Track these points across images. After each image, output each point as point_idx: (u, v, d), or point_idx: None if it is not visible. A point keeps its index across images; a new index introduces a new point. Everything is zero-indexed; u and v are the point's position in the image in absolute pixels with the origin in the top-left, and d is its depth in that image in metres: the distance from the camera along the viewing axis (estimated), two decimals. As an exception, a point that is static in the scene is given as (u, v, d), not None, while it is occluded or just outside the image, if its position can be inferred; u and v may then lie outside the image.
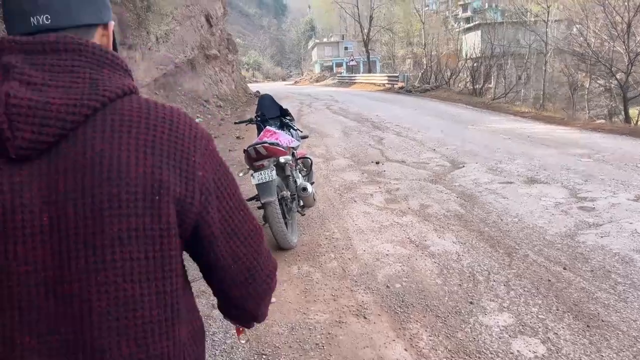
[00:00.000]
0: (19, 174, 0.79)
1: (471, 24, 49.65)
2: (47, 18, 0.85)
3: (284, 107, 5.63)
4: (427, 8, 59.94)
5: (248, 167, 4.72)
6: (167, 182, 0.84)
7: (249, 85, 33.99)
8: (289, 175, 4.72)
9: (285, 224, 4.50)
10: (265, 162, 4.42)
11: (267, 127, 4.93)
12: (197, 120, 14.80)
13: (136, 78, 14.92)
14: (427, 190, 6.60)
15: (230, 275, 0.99)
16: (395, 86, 29.89)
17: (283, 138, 4.82)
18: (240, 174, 4.48)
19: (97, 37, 0.94)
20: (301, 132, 5.67)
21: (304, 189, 4.56)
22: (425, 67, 33.48)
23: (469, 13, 79.29)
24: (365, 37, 46.92)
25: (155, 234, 0.84)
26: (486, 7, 76.94)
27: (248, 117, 6.14)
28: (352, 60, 45.38)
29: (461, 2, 77.68)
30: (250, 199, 5.03)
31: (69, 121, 0.80)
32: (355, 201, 6.19)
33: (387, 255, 4.44)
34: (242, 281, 1.01)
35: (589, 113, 24.11)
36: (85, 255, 0.80)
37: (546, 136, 10.30)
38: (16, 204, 0.79)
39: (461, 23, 69.04)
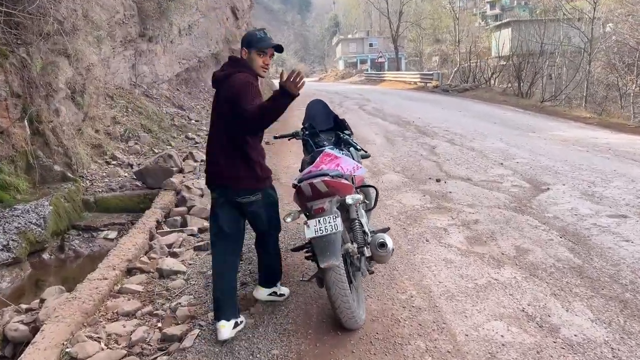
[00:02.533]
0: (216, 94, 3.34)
1: (501, 21, 47.31)
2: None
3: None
4: (453, 4, 57.93)
5: (299, 209, 3.33)
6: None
7: (272, 81, 32.69)
8: (355, 219, 3.31)
9: (350, 289, 3.09)
10: (326, 204, 3.03)
11: (326, 150, 3.53)
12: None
13: (156, 72, 13.59)
14: (516, 223, 5.13)
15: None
16: (429, 85, 28.25)
17: (346, 164, 3.42)
18: (288, 220, 3.07)
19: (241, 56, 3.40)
20: (363, 150, 4.24)
21: (382, 244, 3.13)
22: (458, 65, 31.79)
23: (497, 10, 77.09)
24: (394, 33, 45.14)
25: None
26: (515, 4, 74.90)
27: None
28: (381, 56, 43.72)
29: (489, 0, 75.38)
30: (298, 249, 3.65)
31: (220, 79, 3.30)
32: (427, 240, 4.75)
33: (503, 345, 2.99)
34: None
35: (633, 117, 22.23)
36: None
37: (631, 149, 8.69)
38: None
39: (488, 20, 66.97)
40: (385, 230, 3.49)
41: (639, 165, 7.45)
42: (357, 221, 3.27)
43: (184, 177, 7.87)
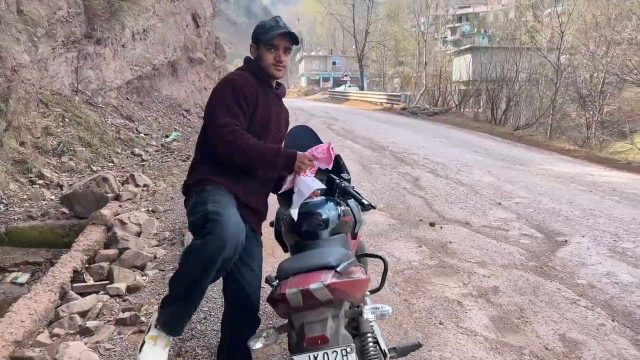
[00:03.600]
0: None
1: (462, 47, 47.39)
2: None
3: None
4: (414, 29, 58.07)
5: (277, 328, 1.97)
6: None
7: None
8: (366, 334, 1.97)
9: None
10: (328, 328, 1.73)
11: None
12: (174, 133, 11.87)
13: (103, 78, 11.99)
14: (546, 295, 3.95)
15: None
16: (395, 106, 27.42)
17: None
18: (256, 345, 1.68)
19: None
20: (365, 201, 2.94)
21: None
22: (424, 87, 31.22)
23: (457, 36, 78.19)
24: (359, 52, 44.49)
25: None
26: (475, 31, 76.17)
27: None
28: (346, 75, 42.91)
29: (450, 25, 76.49)
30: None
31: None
32: (441, 322, 3.48)
33: None
34: None
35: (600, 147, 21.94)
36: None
37: (638, 190, 7.74)
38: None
39: (449, 45, 67.62)
40: (416, 346, 2.19)
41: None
42: (369, 337, 1.95)
43: (120, 206, 6.39)
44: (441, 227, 5.67)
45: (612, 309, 3.73)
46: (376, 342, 1.97)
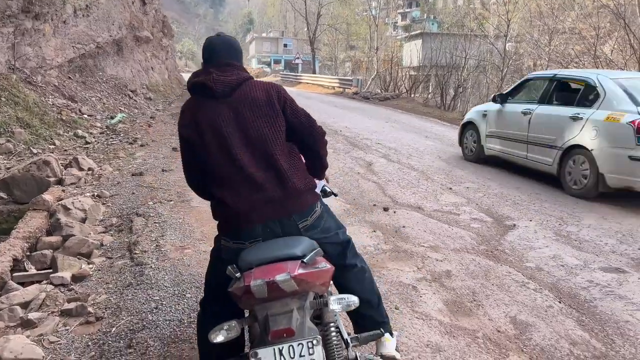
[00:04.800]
0: (219, 102, 2.11)
1: (414, 32, 47.92)
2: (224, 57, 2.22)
3: None
4: (365, 13, 58.11)
5: (239, 321, 1.87)
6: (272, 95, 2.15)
7: (182, 75, 30.36)
8: (329, 324, 1.93)
9: None
10: (294, 320, 1.69)
11: None
12: (120, 115, 11.44)
13: (43, 56, 11.37)
14: (497, 278, 4.04)
15: (305, 130, 2.21)
16: (347, 90, 27.46)
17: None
18: (218, 338, 1.61)
19: (238, 63, 2.25)
20: (327, 188, 2.90)
21: None
22: (376, 72, 31.34)
23: (407, 21, 78.85)
24: (311, 35, 44.16)
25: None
26: (425, 17, 77.00)
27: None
28: (299, 58, 42.55)
29: (400, 10, 77.07)
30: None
31: (234, 83, 2.12)
32: (396, 307, 3.50)
33: None
34: (310, 132, 2.23)
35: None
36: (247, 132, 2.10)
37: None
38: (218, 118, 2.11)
39: (399, 31, 68.13)
40: (377, 335, 2.16)
41: (601, 201, 6.73)
42: (332, 326, 1.90)
43: (63, 191, 6.09)
44: (394, 212, 5.71)
45: (559, 291, 3.86)
46: (338, 332, 1.93)
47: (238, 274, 1.73)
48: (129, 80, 17.39)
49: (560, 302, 3.67)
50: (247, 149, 2.07)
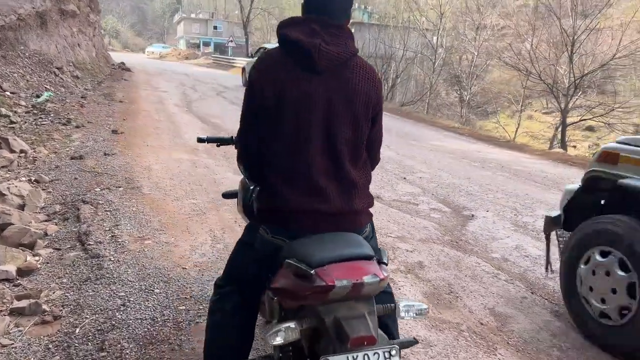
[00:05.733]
0: (314, 78, 1.71)
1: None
2: (338, 13, 1.78)
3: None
4: (299, -1, 57.46)
5: (298, 322, 1.65)
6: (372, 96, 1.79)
7: (110, 54, 28.71)
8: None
9: None
10: (367, 317, 1.55)
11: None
12: (46, 93, 10.61)
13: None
14: (468, 269, 4.06)
15: (373, 150, 1.95)
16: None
17: None
18: (276, 340, 1.44)
19: (346, 24, 1.80)
20: None
21: None
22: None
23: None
24: (244, 19, 43.22)
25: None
26: (356, 6, 77.68)
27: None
28: (232, 41, 41.51)
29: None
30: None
31: (341, 59, 1.72)
32: (379, 300, 3.42)
33: None
34: (375, 155, 2.02)
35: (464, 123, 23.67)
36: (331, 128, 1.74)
37: (522, 167, 8.35)
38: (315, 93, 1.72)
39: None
40: (412, 342, 2.02)
41: (543, 187, 6.99)
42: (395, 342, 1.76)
43: (-6, 175, 5.52)
44: (355, 201, 5.63)
45: (528, 282, 3.92)
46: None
47: (312, 271, 1.51)
48: (54, 56, 16.19)
49: (532, 294, 3.73)
50: (324, 147, 1.74)
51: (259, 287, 1.94)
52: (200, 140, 2.55)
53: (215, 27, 75.85)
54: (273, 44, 16.74)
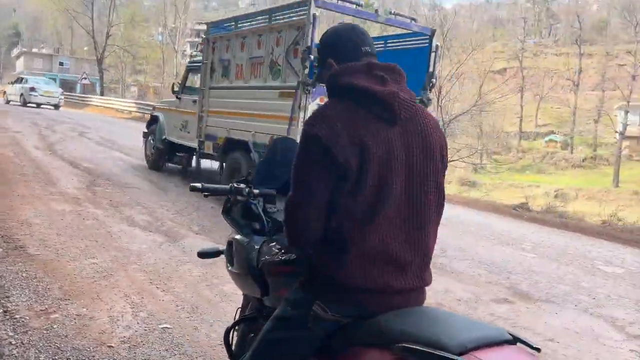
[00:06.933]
0: (392, 132, 1.43)
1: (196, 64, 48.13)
2: (369, 48, 1.58)
3: None
4: (151, 38, 56.43)
5: None
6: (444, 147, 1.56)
7: None
8: None
9: None
10: None
11: None
12: None
13: None
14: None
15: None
16: (147, 116, 25.81)
17: None
18: None
19: None
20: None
21: None
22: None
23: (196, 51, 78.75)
24: (99, 55, 40.91)
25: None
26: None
27: None
28: (85, 78, 38.65)
29: (189, 39, 76.88)
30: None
31: (415, 108, 1.48)
32: None
33: None
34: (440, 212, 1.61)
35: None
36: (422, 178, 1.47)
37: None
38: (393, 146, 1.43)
39: (187, 59, 67.73)
40: None
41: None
42: None
43: None
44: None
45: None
46: None
47: (458, 357, 1.16)
48: None
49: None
50: (407, 213, 1.45)
51: None
52: (194, 189, 2.03)
53: (61, 63, 70.87)
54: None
